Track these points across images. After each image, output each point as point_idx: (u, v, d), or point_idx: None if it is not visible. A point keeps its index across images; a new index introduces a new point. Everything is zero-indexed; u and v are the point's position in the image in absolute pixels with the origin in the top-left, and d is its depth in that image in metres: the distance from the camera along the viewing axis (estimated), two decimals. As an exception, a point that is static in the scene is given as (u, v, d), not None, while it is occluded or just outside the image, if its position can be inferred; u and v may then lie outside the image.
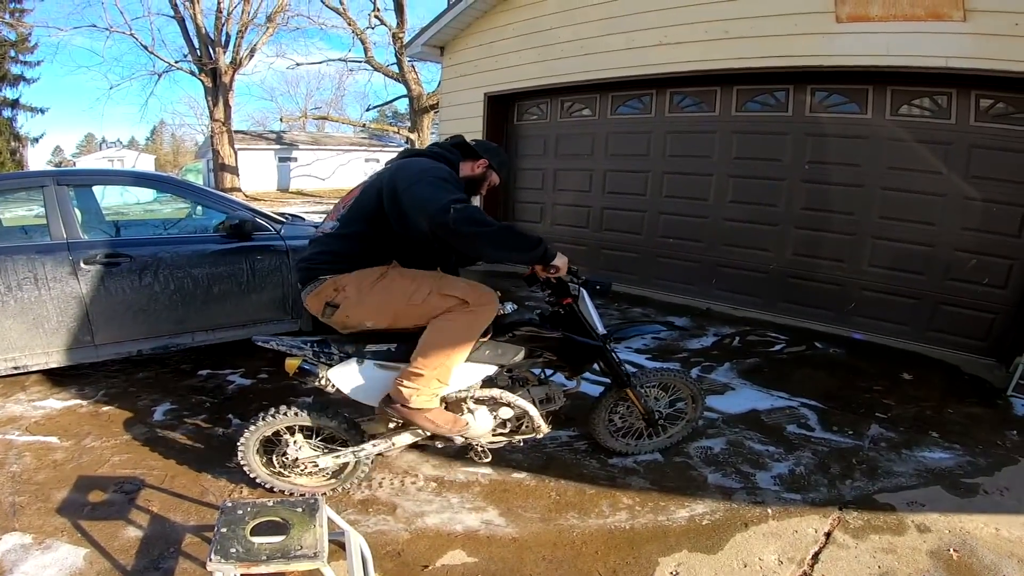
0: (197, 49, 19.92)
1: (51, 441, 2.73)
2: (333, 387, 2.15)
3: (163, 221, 4.33)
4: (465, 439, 2.30)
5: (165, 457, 2.60)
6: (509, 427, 2.36)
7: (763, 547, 2.08)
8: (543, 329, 2.29)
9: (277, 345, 2.18)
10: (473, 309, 2.02)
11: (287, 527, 1.63)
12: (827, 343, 4.44)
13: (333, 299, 2.10)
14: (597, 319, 2.36)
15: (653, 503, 2.34)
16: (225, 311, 3.47)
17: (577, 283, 2.34)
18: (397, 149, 28.16)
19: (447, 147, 2.26)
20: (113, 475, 2.45)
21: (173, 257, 3.30)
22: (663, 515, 2.27)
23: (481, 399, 2.26)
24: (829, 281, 4.73)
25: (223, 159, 20.92)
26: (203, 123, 24.64)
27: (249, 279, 3.49)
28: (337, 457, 2.25)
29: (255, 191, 22.87)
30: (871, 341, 4.43)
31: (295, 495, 2.25)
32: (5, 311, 2.95)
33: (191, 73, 20.90)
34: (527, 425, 2.34)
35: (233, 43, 20.16)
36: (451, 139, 2.32)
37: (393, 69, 19.32)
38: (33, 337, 3.04)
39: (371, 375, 2.16)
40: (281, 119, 25.98)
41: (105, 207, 4.51)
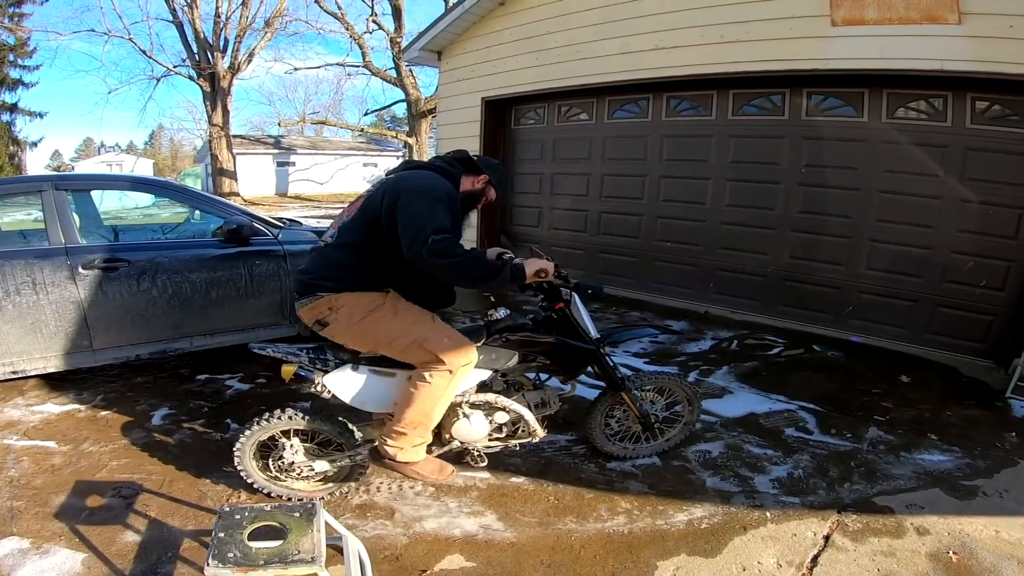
0: (195, 54, 19.95)
1: (49, 446, 2.73)
2: (329, 393, 2.16)
3: (161, 226, 4.33)
4: (462, 444, 2.30)
5: (163, 462, 2.60)
6: (505, 432, 2.36)
7: (762, 551, 2.08)
8: (536, 334, 2.30)
9: (273, 352, 2.19)
10: (450, 370, 2.04)
11: (285, 532, 1.63)
12: (825, 346, 4.45)
13: (325, 317, 2.10)
14: (590, 323, 2.36)
15: (651, 507, 2.34)
16: (223, 316, 3.47)
17: (568, 288, 2.34)
18: (395, 153, 28.24)
19: (449, 161, 2.25)
20: (111, 480, 2.45)
21: (171, 262, 3.30)
22: (661, 519, 2.26)
23: (476, 404, 2.26)
24: (827, 284, 4.74)
25: (221, 163, 20.93)
26: (201, 127, 24.69)
27: (247, 284, 3.49)
28: (333, 461, 2.26)
29: (253, 195, 22.86)
30: (869, 344, 4.43)
31: (292, 500, 2.25)
32: (3, 316, 2.95)
33: (189, 78, 20.93)
34: (523, 429, 2.35)
35: (231, 48, 20.21)
36: (454, 153, 2.32)
37: (391, 74, 19.34)
38: (31, 342, 3.04)
39: (366, 381, 2.17)
40: (279, 123, 26.07)
41: (104, 212, 4.51)
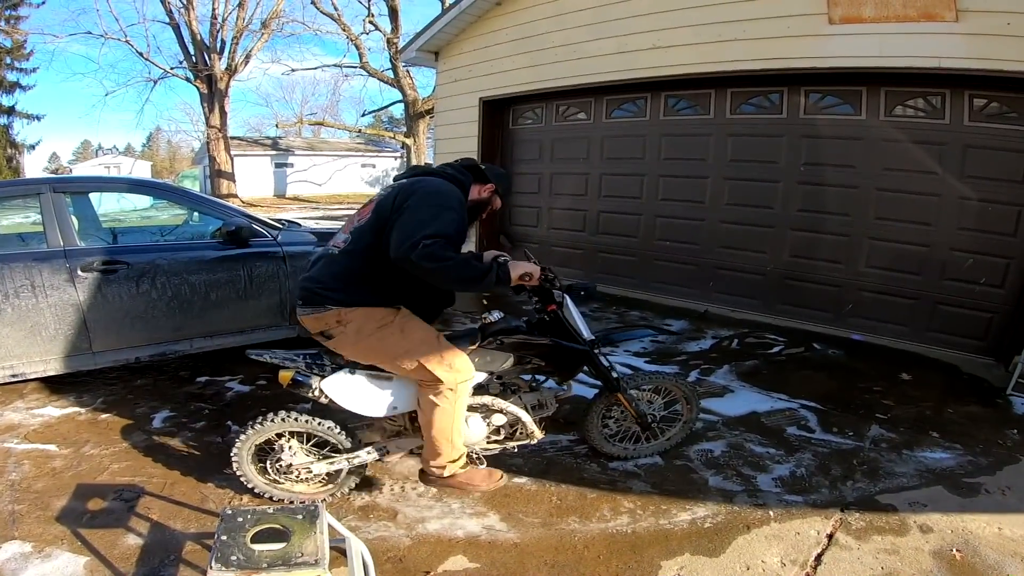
0: (192, 55, 19.93)
1: (50, 449, 2.72)
2: (326, 398, 2.16)
3: (160, 228, 4.33)
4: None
5: (164, 464, 2.59)
6: (503, 434, 2.36)
7: (765, 549, 2.08)
8: (531, 336, 2.30)
9: (270, 358, 2.18)
10: (450, 388, 2.06)
11: (288, 534, 1.62)
12: (826, 344, 4.45)
13: (331, 330, 2.09)
14: (582, 324, 2.36)
15: (654, 507, 2.34)
16: (223, 317, 3.47)
17: (560, 289, 2.34)
18: (393, 154, 28.21)
19: (459, 168, 2.24)
20: (112, 483, 2.44)
21: (170, 264, 3.29)
22: (665, 519, 2.26)
23: (473, 406, 2.26)
24: (827, 282, 4.74)
25: (219, 165, 20.90)
26: (199, 129, 24.68)
27: (246, 285, 3.48)
28: (331, 463, 2.25)
29: (252, 197, 22.84)
30: (870, 342, 4.43)
31: (294, 502, 2.24)
32: (3, 319, 2.94)
33: (186, 79, 20.90)
34: (521, 431, 2.35)
35: (228, 49, 20.20)
36: (462, 161, 2.31)
37: (388, 74, 19.33)
38: (31, 345, 3.03)
39: (364, 385, 2.17)
40: (277, 125, 26.11)
41: (103, 214, 4.50)
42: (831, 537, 2.14)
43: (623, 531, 2.19)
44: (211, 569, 1.48)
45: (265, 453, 2.27)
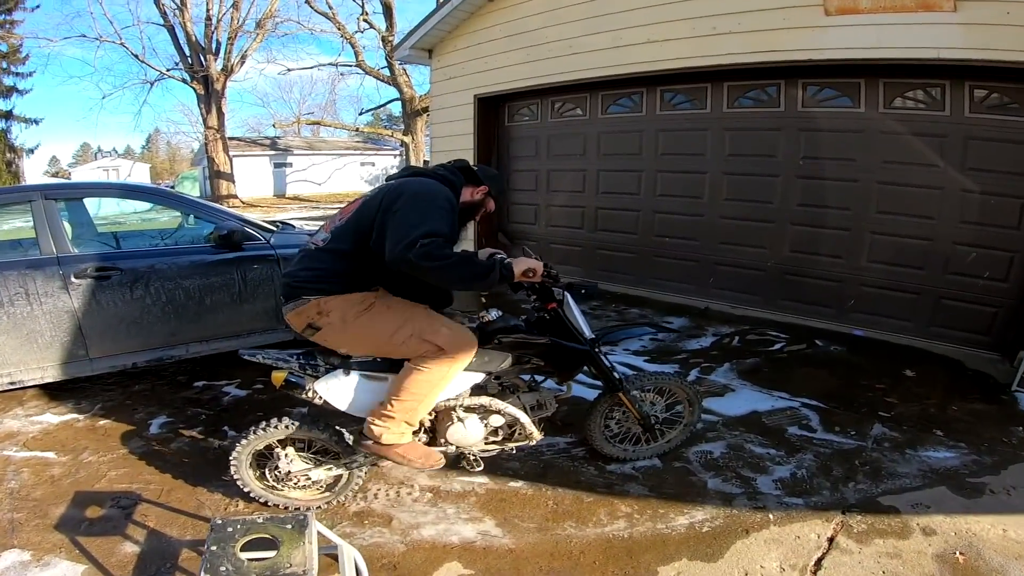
0: (188, 57, 19.92)
1: (48, 456, 2.72)
2: (320, 399, 2.14)
3: (157, 232, 4.32)
4: (457, 448, 2.28)
5: (161, 471, 2.59)
6: (501, 435, 2.33)
7: (764, 554, 2.05)
8: (530, 335, 2.27)
9: (263, 359, 2.17)
10: (450, 356, 2.02)
11: (277, 544, 1.60)
12: (827, 341, 4.41)
13: (315, 321, 2.07)
14: (583, 323, 2.33)
15: (652, 510, 2.31)
16: (218, 322, 3.45)
17: (560, 287, 2.31)
18: (392, 152, 28.19)
19: (451, 169, 2.22)
20: (110, 490, 2.45)
21: (164, 269, 3.28)
22: (662, 523, 2.24)
23: (471, 407, 2.24)
24: (828, 278, 4.70)
25: (218, 166, 20.91)
26: (198, 130, 24.60)
27: (241, 289, 3.46)
28: (329, 470, 2.24)
29: (251, 197, 22.87)
30: (872, 337, 4.39)
31: (290, 509, 2.23)
32: (-2, 327, 2.93)
33: (183, 81, 20.93)
34: (519, 432, 2.32)
35: (224, 50, 20.16)
36: (455, 162, 2.28)
37: (384, 73, 19.28)
38: (27, 352, 3.03)
39: (357, 386, 2.15)
40: (275, 125, 26.02)
41: (103, 217, 4.49)
42: (832, 541, 2.12)
43: (620, 536, 2.16)
44: (200, 582, 1.47)
45: (264, 459, 2.25)
